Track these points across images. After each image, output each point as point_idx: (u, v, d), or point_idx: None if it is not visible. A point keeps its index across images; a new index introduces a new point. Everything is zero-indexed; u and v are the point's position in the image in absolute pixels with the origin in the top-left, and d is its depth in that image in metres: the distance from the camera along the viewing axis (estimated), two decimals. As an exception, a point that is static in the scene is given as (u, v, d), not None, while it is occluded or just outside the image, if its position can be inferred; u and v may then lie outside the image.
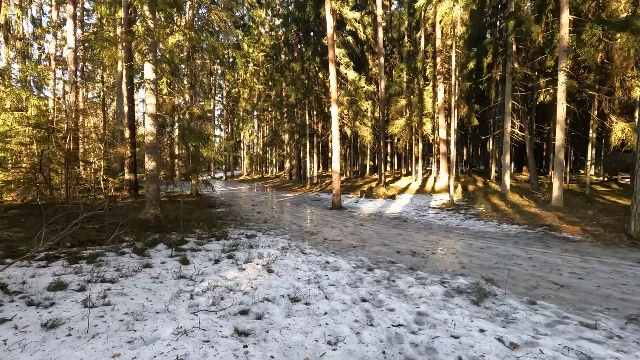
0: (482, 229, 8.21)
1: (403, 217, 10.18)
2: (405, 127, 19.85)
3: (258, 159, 34.62)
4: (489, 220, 9.10)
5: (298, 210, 11.67)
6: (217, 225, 7.96)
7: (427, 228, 8.40)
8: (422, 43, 20.25)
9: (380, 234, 7.69)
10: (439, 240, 7.01)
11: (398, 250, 6.09)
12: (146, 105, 8.00)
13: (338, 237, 7.33)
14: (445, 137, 18.07)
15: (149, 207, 8.10)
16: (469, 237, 7.25)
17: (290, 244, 6.44)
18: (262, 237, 6.97)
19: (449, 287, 4.14)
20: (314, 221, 9.44)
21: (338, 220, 9.59)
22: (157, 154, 8.21)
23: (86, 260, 4.79)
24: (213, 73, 22.09)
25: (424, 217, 10.12)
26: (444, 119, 18.01)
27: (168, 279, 4.23)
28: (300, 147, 24.72)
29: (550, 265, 5.13)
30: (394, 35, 25.60)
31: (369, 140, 19.67)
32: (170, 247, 5.75)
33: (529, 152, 14.20)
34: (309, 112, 21.90)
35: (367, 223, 9.14)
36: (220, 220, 8.78)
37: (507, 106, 13.20)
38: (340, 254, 5.85)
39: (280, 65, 21.46)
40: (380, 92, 20.16)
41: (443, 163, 18.12)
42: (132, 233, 6.58)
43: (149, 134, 8.02)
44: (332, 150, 12.02)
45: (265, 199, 15.39)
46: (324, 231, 7.97)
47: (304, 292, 3.93)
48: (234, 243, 6.24)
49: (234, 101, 35.43)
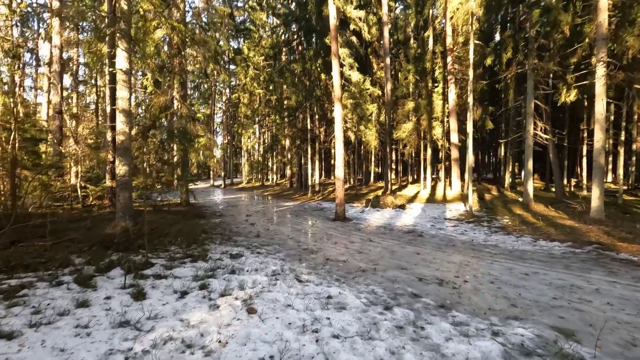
0: (517, 246, 6.88)
1: (417, 230, 8.86)
2: (413, 131, 18.62)
3: (258, 166, 33.44)
4: (521, 236, 7.76)
5: (297, 222, 10.39)
6: (198, 242, 6.69)
7: (448, 245, 7.08)
8: (431, 43, 19.14)
9: (393, 252, 6.38)
10: (467, 261, 5.69)
11: (420, 277, 4.79)
12: (117, 99, 6.83)
13: (343, 256, 6.04)
14: (457, 142, 16.81)
15: (119, 219, 6.87)
16: (505, 258, 5.92)
17: (284, 267, 5.16)
18: (249, 257, 5.69)
19: (508, 344, 2.84)
20: (315, 235, 8.16)
21: (342, 234, 8.29)
22: (130, 156, 7.00)
23: (3, 295, 3.54)
24: (208, 75, 21.06)
25: (442, 230, 8.79)
26: (455, 122, 16.76)
27: (102, 328, 2.96)
28: (301, 153, 23.53)
29: (631, 303, 3.81)
30: (399, 37, 24.57)
31: (374, 146, 18.45)
32: (128, 272, 4.49)
33: (552, 157, 12.88)
34: (310, 116, 20.74)
35: (376, 238, 7.84)
36: (204, 235, 7.51)
37: (529, 106, 11.94)
38: (346, 282, 4.55)
39: (281, 67, 20.41)
40: (386, 95, 18.99)
41: (455, 170, 16.82)
42: (88, 252, 5.33)
43: (120, 133, 6.84)
44: (335, 156, 10.80)
45: (262, 209, 14.13)
46: (325, 248, 6.68)
47: (295, 352, 2.66)
48: (213, 266, 4.97)
49: (234, 107, 34.48)
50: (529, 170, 12.06)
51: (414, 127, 18.58)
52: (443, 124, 18.50)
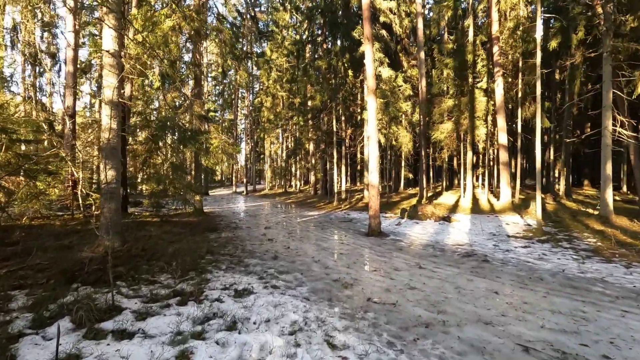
0: (638, 283, 4.87)
1: (477, 251, 6.96)
2: (452, 132, 16.57)
3: (281, 172, 32.23)
4: (630, 264, 5.70)
5: (323, 237, 8.76)
6: (198, 267, 5.20)
7: (533, 278, 5.17)
8: (471, 33, 17.08)
9: (459, 289, 4.59)
10: (582, 312, 3.81)
11: (523, 343, 2.99)
12: (103, 88, 5.54)
13: (389, 293, 4.33)
14: (505, 143, 14.62)
15: (102, 237, 5.52)
16: (638, 307, 3.98)
17: (308, 316, 3.53)
18: (261, 296, 4.10)
19: None
20: (346, 257, 6.48)
21: (381, 256, 6.57)
22: (118, 158, 5.67)
23: None
24: (226, 72, 20.07)
25: (511, 253, 6.84)
26: (504, 120, 14.60)
27: None
28: (326, 158, 21.98)
29: None
30: (432, 31, 22.61)
31: (408, 149, 16.56)
32: (79, 325, 3.03)
33: (635, 160, 10.51)
34: (336, 118, 19.17)
35: (426, 262, 6.05)
36: (209, 257, 6.03)
37: (607, 97, 9.74)
38: (405, 351, 2.84)
39: (305, 65, 19.03)
40: (420, 93, 17.12)
41: (504, 175, 14.60)
42: (45, 286, 3.95)
43: (106, 129, 5.52)
44: (368, 157, 9.12)
45: (283, 219, 12.62)
46: (363, 279, 4.99)
47: None
48: (206, 314, 3.43)
49: (256, 112, 33.65)
50: (607, 175, 9.80)
51: (454, 128, 16.52)
52: (487, 123, 16.34)
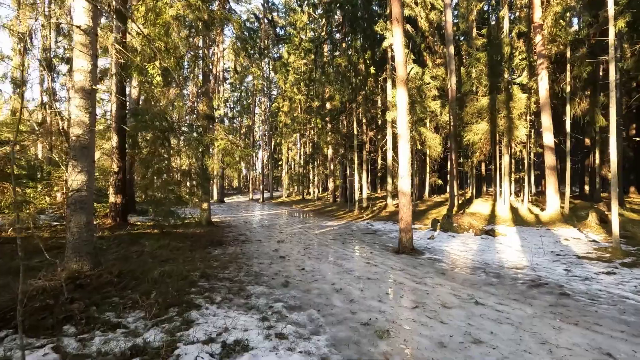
0: None
1: (545, 279, 5.40)
2: (487, 133, 14.88)
3: (299, 178, 31.11)
4: None
5: (345, 255, 7.39)
6: (183, 301, 3.96)
7: (645, 324, 3.62)
8: (506, 24, 15.45)
9: (547, 344, 3.11)
10: None
11: None
12: (72, 73, 4.48)
13: (445, 352, 2.92)
14: (552, 144, 12.82)
15: (70, 258, 4.40)
16: None
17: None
18: (259, 354, 2.79)
19: None
20: (376, 285, 5.09)
21: (420, 283, 5.14)
22: (91, 159, 4.57)
23: None
24: (238, 70, 19.22)
25: (593, 283, 5.23)
26: (549, 118, 12.83)
27: None
28: (345, 163, 20.63)
29: None
30: (460, 26, 21.04)
31: (438, 152, 15.00)
32: None
33: None
34: (357, 120, 17.84)
35: (482, 295, 4.57)
36: (202, 282, 4.79)
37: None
38: None
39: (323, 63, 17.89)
40: (450, 91, 15.56)
41: (550, 181, 12.77)
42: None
43: (77, 123, 4.44)
44: (398, 158, 7.74)
45: (299, 230, 11.35)
46: (402, 322, 3.59)
47: None
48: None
49: (273, 117, 32.88)
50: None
51: (489, 129, 14.83)
52: (527, 123, 14.58)
